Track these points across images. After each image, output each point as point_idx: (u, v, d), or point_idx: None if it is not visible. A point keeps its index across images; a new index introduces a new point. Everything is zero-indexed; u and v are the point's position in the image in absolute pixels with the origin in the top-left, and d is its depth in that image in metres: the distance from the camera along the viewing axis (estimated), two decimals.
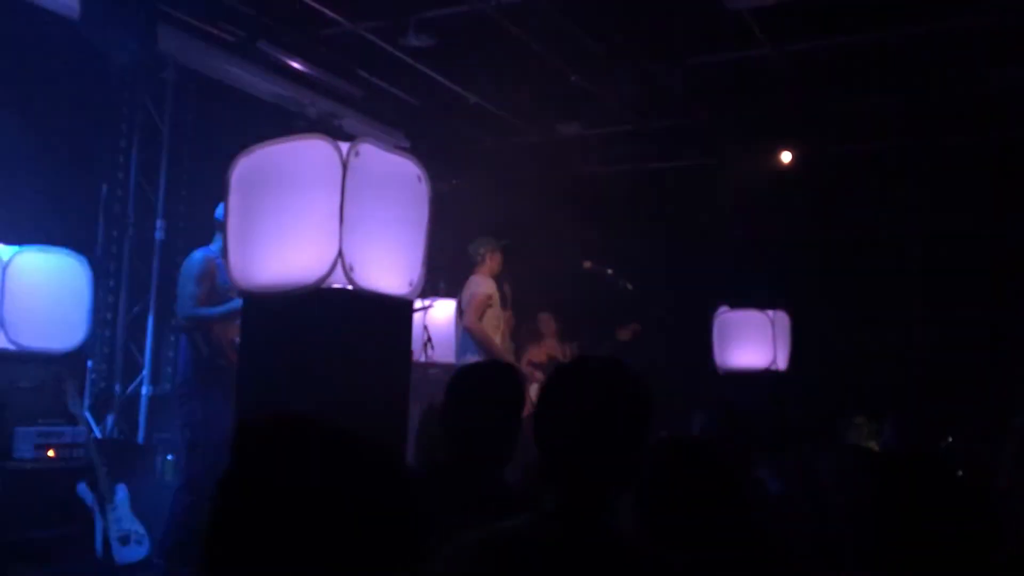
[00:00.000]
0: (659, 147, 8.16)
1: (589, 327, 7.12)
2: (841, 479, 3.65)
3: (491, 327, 6.09)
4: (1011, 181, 7.15)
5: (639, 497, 1.89)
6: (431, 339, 6.55)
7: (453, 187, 8.09)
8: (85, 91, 5.74)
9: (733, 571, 1.87)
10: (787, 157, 8.00)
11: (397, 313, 3.34)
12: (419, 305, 5.98)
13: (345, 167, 3.02)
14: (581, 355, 1.86)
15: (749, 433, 3.30)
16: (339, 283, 3.03)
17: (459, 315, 6.23)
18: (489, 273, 6.24)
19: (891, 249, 7.83)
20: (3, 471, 4.56)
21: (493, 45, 6.46)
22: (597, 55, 6.76)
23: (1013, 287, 7.19)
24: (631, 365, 1.72)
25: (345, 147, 3.09)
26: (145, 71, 6.23)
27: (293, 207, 3.14)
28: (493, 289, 6.22)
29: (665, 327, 6.92)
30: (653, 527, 1.87)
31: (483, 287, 6.18)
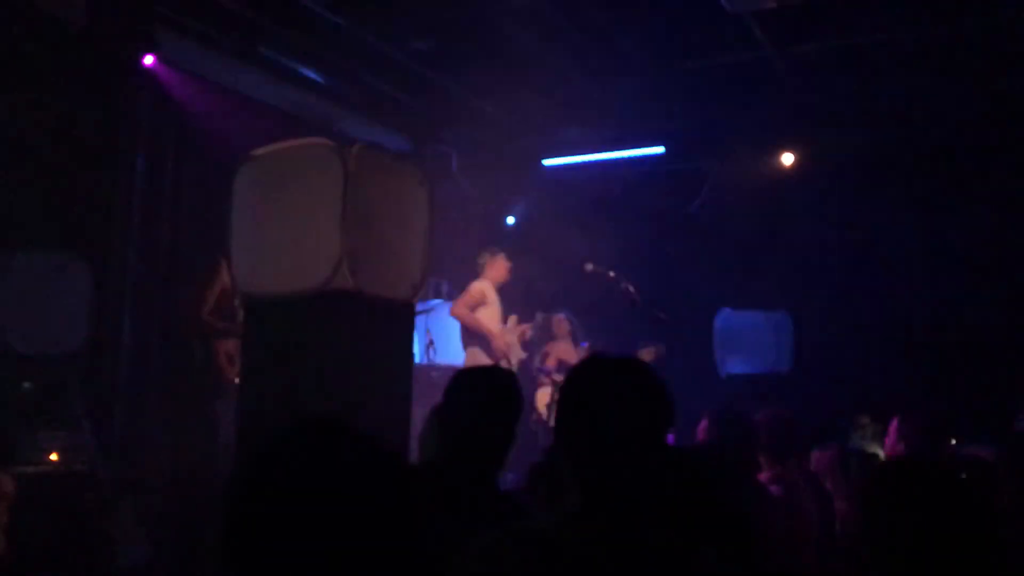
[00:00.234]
0: (661, 148, 8.17)
1: (605, 335, 7.12)
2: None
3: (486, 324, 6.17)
4: (1013, 181, 7.14)
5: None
6: (433, 341, 6.56)
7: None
8: (89, 95, 5.74)
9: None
10: (789, 159, 8.00)
11: (399, 316, 3.35)
12: (421, 308, 6.00)
13: (347, 171, 3.03)
14: (596, 355, 1.83)
15: (752, 437, 3.29)
16: (342, 286, 3.03)
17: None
18: (490, 280, 6.34)
19: (893, 249, 7.82)
20: (7, 475, 4.55)
21: (494, 48, 6.46)
22: (598, 58, 6.77)
23: (1016, 287, 7.18)
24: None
25: (347, 151, 3.10)
26: (149, 75, 6.24)
27: (296, 211, 3.15)
28: (490, 290, 6.29)
29: (667, 329, 6.90)
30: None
31: (476, 285, 6.32)
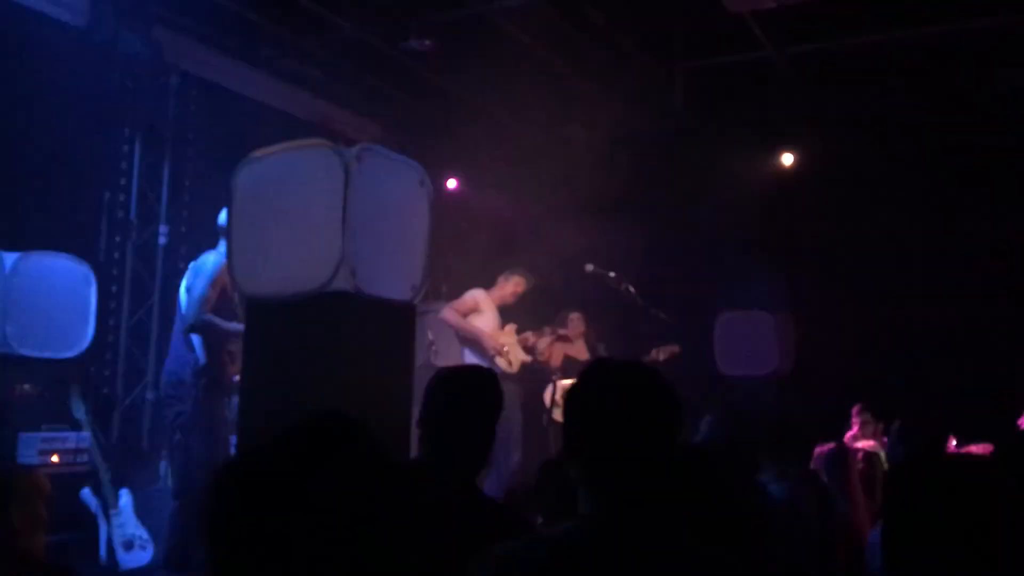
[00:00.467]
0: (661, 149, 8.16)
1: (614, 339, 7.12)
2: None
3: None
4: (1013, 181, 7.14)
5: None
6: (435, 343, 6.56)
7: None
8: (88, 97, 5.74)
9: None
10: (789, 159, 7.99)
11: (400, 317, 3.35)
12: (422, 310, 6.01)
13: (347, 172, 3.03)
14: (603, 359, 1.82)
15: (753, 437, 3.29)
16: (342, 287, 3.03)
17: None
18: (497, 296, 6.37)
19: (894, 250, 7.82)
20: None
21: (494, 48, 6.46)
22: (598, 57, 6.76)
23: (1017, 287, 7.17)
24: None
25: (347, 152, 3.09)
26: (148, 76, 6.25)
27: (296, 212, 3.15)
28: (485, 301, 6.32)
29: (667, 330, 6.90)
30: None
31: (471, 293, 6.37)
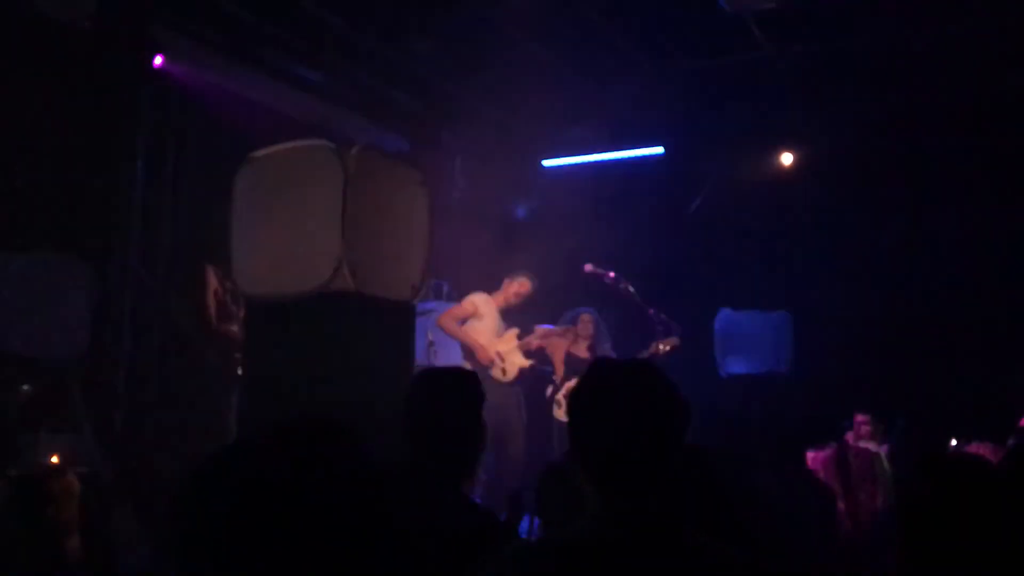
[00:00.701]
0: (662, 148, 8.17)
1: (614, 338, 7.12)
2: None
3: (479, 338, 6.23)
4: (1013, 181, 7.15)
5: None
6: (434, 342, 6.56)
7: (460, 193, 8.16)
8: (89, 97, 5.75)
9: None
10: (788, 159, 8.00)
11: (399, 317, 3.35)
12: (421, 309, 6.02)
13: (347, 172, 3.04)
14: (606, 359, 1.81)
15: (749, 437, 3.29)
16: (341, 287, 3.04)
17: None
18: (501, 299, 6.37)
19: (893, 249, 7.83)
20: (7, 478, 4.56)
21: (494, 48, 6.47)
22: (598, 58, 6.78)
23: (1016, 287, 7.18)
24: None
25: (347, 152, 3.10)
26: (149, 77, 6.25)
27: (296, 212, 3.16)
28: (485, 305, 6.31)
29: (666, 330, 6.90)
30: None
31: (471, 298, 6.35)
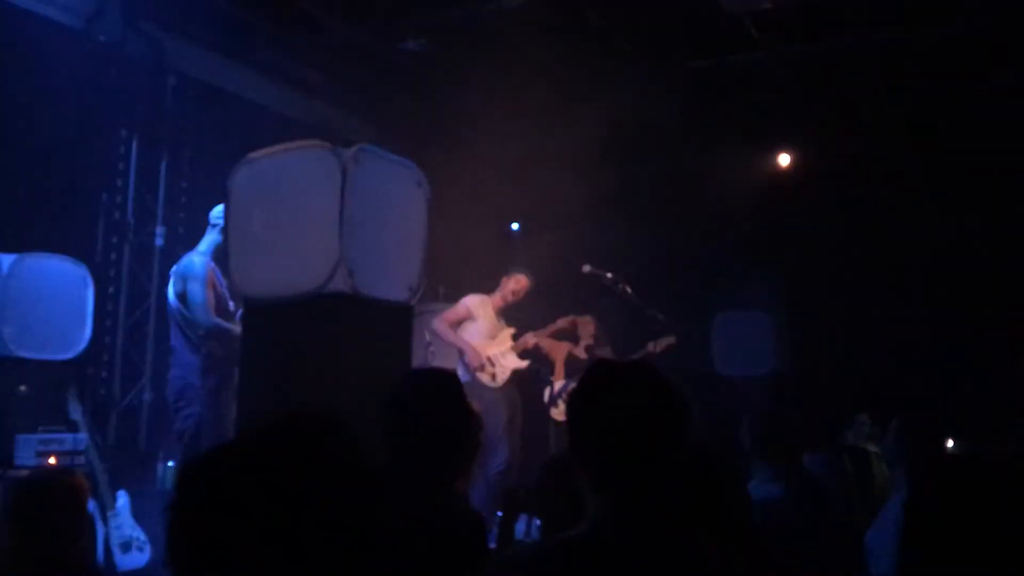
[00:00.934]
0: (658, 150, 8.17)
1: (612, 340, 7.12)
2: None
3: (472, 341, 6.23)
4: (1012, 180, 7.15)
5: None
6: (432, 344, 6.55)
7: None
8: (86, 98, 5.74)
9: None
10: (786, 159, 8.01)
11: (397, 318, 3.35)
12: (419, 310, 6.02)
13: (345, 173, 3.03)
14: (605, 359, 1.80)
15: (746, 438, 3.29)
16: (339, 289, 3.03)
17: None
18: (500, 298, 6.36)
19: (892, 249, 7.83)
20: (4, 478, 4.55)
21: (491, 48, 6.47)
22: (596, 58, 6.78)
23: (1015, 287, 7.19)
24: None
25: (344, 153, 3.10)
26: (145, 77, 6.24)
27: (293, 213, 3.15)
28: (480, 307, 6.31)
29: (665, 330, 6.90)
30: None
31: (465, 300, 6.35)
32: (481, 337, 6.28)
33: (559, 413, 6.55)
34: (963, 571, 1.56)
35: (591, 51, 6.70)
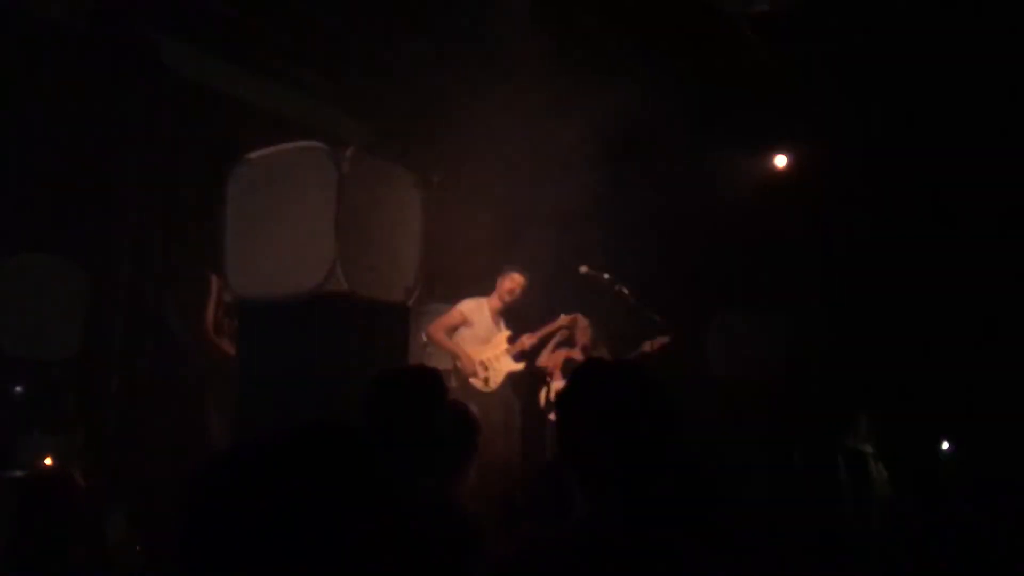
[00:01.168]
0: (657, 150, 8.17)
1: (609, 341, 7.12)
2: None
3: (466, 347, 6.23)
4: (1011, 181, 7.15)
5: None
6: (428, 344, 6.55)
7: (440, 184, 8.13)
8: (83, 98, 5.74)
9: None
10: (783, 160, 8.01)
11: (394, 318, 3.35)
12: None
13: (341, 174, 3.03)
14: (594, 360, 1.81)
15: (743, 439, 3.30)
16: (336, 289, 3.03)
17: None
18: (497, 298, 6.35)
19: (891, 250, 7.84)
20: (1, 479, 4.55)
21: (489, 48, 6.46)
22: (595, 59, 6.78)
23: (1016, 286, 7.19)
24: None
25: (341, 154, 3.10)
26: (143, 78, 6.24)
27: (290, 214, 3.15)
28: (475, 311, 6.30)
29: (663, 331, 6.90)
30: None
31: (460, 306, 6.34)
32: (475, 342, 6.28)
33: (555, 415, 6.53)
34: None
35: (590, 51, 6.69)
